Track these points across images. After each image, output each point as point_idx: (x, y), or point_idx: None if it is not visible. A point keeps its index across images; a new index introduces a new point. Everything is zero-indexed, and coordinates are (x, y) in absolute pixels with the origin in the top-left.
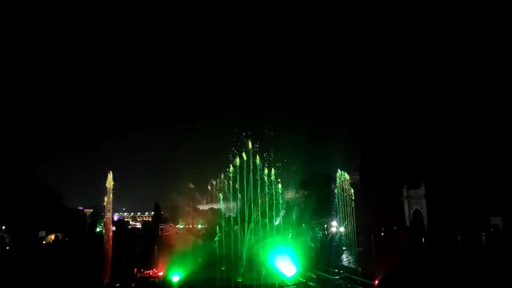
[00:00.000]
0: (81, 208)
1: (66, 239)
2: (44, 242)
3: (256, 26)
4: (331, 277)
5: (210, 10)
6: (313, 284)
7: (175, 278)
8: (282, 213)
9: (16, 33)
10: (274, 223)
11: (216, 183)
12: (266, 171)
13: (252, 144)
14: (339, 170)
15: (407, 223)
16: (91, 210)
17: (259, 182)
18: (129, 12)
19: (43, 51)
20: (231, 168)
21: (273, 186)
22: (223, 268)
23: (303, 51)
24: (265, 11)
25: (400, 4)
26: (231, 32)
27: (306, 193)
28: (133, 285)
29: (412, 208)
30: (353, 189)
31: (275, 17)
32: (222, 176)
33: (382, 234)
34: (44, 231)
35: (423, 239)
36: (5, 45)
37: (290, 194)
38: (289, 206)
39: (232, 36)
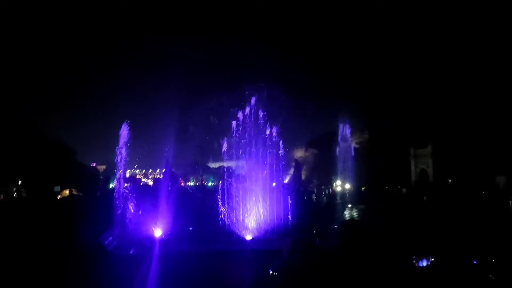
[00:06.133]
0: (94, 164)
1: (80, 194)
2: (58, 197)
3: None
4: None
5: None
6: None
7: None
8: (291, 171)
9: None
10: (282, 181)
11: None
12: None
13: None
14: (340, 127)
15: (412, 182)
16: (104, 166)
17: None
18: None
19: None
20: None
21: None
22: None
23: (314, 10)
24: None
25: None
26: None
27: (315, 152)
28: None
29: (418, 168)
30: (362, 149)
31: None
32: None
33: (386, 191)
34: (59, 187)
35: (424, 196)
36: None
37: (300, 153)
38: (298, 164)
39: None
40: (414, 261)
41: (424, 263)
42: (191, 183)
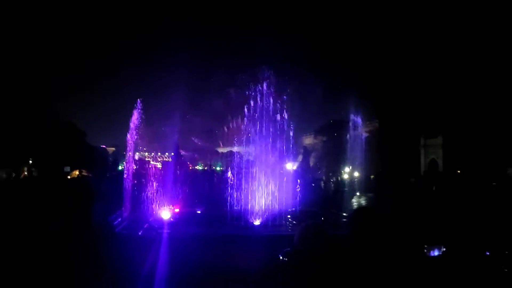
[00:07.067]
0: (104, 146)
1: (90, 175)
2: (68, 177)
3: None
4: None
5: None
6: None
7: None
8: (299, 158)
9: None
10: (291, 168)
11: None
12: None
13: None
14: (350, 115)
15: (422, 172)
16: (113, 148)
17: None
18: None
19: None
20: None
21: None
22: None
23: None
24: None
25: None
26: None
27: (324, 139)
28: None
29: (428, 158)
30: (372, 137)
31: None
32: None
33: (395, 180)
34: (69, 167)
35: (434, 187)
36: None
37: (309, 140)
38: (306, 151)
39: None
40: (425, 251)
41: (436, 253)
42: (199, 167)
